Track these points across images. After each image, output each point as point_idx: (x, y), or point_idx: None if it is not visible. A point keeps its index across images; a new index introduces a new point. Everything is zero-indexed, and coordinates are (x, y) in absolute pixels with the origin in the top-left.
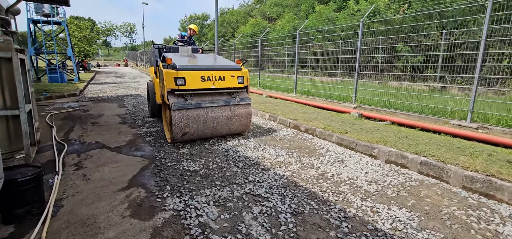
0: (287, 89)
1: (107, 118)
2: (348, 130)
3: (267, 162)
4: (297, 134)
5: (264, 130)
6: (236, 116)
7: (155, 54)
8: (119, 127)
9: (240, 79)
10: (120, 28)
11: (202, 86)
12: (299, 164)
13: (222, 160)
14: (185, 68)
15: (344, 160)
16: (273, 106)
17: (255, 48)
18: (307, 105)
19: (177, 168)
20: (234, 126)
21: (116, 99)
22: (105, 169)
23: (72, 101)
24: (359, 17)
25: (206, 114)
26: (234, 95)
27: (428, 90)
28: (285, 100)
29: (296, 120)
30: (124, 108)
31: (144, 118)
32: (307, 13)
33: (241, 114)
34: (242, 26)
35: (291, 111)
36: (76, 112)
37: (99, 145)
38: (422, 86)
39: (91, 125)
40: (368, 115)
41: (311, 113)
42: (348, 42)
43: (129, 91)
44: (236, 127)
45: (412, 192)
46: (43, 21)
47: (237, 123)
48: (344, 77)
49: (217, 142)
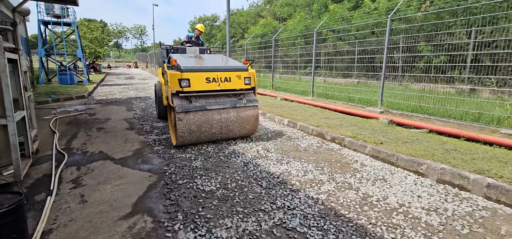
0: (303, 92)
1: (114, 123)
2: (382, 139)
3: (294, 179)
4: (323, 143)
5: (284, 138)
6: (242, 118)
7: (162, 55)
8: (126, 133)
9: (247, 80)
10: (131, 30)
11: (207, 88)
12: (334, 183)
13: (242, 176)
14: (189, 70)
15: (386, 178)
16: (291, 111)
17: (266, 48)
18: (327, 109)
19: (190, 187)
20: (240, 129)
21: (124, 102)
22: (107, 188)
23: (79, 104)
24: (376, 15)
25: (211, 117)
26: (241, 97)
27: (455, 93)
28: (302, 103)
29: (319, 126)
30: (132, 112)
31: (152, 123)
32: (319, 12)
33: (248, 116)
34: (252, 27)
35: (311, 116)
36: (83, 116)
37: (103, 155)
38: (447, 88)
39: (97, 130)
40: (400, 122)
41: (334, 119)
42: (364, 42)
43: (138, 93)
44: (242, 129)
45: (488, 227)
46: (53, 22)
47: (243, 126)
48: (360, 78)
49: (234, 154)
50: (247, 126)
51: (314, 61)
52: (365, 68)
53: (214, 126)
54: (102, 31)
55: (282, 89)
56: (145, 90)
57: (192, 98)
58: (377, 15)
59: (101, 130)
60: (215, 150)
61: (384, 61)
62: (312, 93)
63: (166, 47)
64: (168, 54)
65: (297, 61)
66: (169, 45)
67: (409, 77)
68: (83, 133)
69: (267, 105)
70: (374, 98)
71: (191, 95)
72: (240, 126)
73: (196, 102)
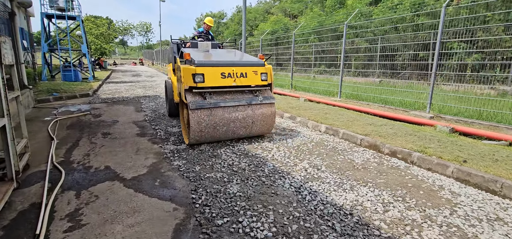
0: (328, 92)
1: (122, 126)
2: (461, 155)
3: (375, 218)
4: (382, 159)
5: (330, 150)
6: (258, 117)
7: (173, 50)
8: (137, 140)
9: (263, 76)
10: (136, 27)
11: (222, 83)
12: (435, 226)
13: (301, 212)
14: (204, 64)
15: (501, 217)
16: (323, 114)
17: (280, 45)
18: (363, 112)
19: (235, 231)
20: (256, 128)
21: (132, 101)
22: (116, 230)
23: (83, 103)
24: (402, 10)
25: (226, 114)
26: (257, 94)
27: (497, 94)
28: (330, 105)
29: (368, 135)
30: (142, 113)
31: (167, 127)
32: (333, 8)
33: (264, 114)
34: (262, 24)
35: (352, 122)
36: (86, 117)
37: (110, 173)
38: (486, 89)
39: (102, 136)
40: (464, 131)
41: (382, 125)
42: (405, 37)
43: (146, 91)
44: (258, 128)
45: None
46: (57, 15)
47: (259, 124)
48: (383, 77)
49: (276, 173)
50: (264, 124)
51: (343, 58)
52: (402, 66)
53: (229, 124)
54: (108, 27)
55: (303, 89)
56: (153, 89)
57: (206, 94)
58: (409, 7)
59: (107, 135)
60: (250, 166)
61: (436, 58)
62: (340, 94)
63: (177, 42)
64: (179, 49)
65: (317, 59)
66: (180, 40)
67: (457, 77)
68: (86, 140)
69: (292, 107)
70: (419, 100)
71: (205, 91)
72: (256, 124)
73: (211, 99)
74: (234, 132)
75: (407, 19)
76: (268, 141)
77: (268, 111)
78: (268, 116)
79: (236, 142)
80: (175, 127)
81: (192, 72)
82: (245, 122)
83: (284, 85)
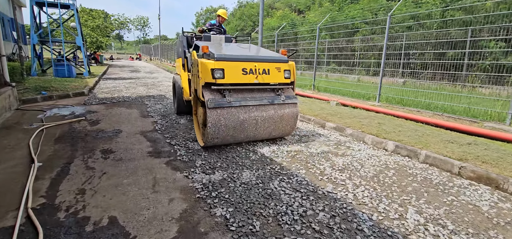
0: (361, 95)
1: (127, 140)
2: None
3: None
4: (498, 196)
5: (422, 184)
6: (280, 117)
7: (183, 44)
8: (151, 165)
9: (286, 73)
10: (133, 22)
11: (244, 80)
12: None
13: None
14: (224, 58)
15: None
16: (376, 125)
17: (285, 41)
18: (424, 123)
19: None
20: (277, 129)
21: (135, 103)
22: None
23: (78, 103)
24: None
25: (246, 114)
26: (279, 93)
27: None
28: (373, 112)
29: (466, 160)
30: (150, 119)
31: (187, 142)
32: (341, 3)
33: (287, 115)
34: (268, 19)
35: (422, 137)
36: (81, 124)
37: (119, 236)
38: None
39: (102, 156)
40: None
41: (469, 144)
42: (402, 34)
43: (149, 90)
44: (279, 130)
45: None
46: (48, 3)
47: (281, 126)
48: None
49: (380, 235)
50: (286, 126)
51: (384, 56)
52: (440, 66)
53: (249, 124)
54: (105, 19)
55: (330, 91)
56: (156, 87)
57: (225, 92)
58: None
59: (109, 154)
60: (336, 220)
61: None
62: (379, 98)
63: (188, 35)
64: (189, 43)
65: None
66: (192, 33)
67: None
68: (81, 163)
69: (331, 114)
70: (491, 109)
71: (224, 89)
72: (278, 125)
73: (230, 97)
74: (255, 134)
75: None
76: (331, 167)
77: (291, 112)
78: (291, 118)
79: (288, 169)
80: (196, 142)
81: (211, 67)
82: (266, 123)
83: (306, 85)
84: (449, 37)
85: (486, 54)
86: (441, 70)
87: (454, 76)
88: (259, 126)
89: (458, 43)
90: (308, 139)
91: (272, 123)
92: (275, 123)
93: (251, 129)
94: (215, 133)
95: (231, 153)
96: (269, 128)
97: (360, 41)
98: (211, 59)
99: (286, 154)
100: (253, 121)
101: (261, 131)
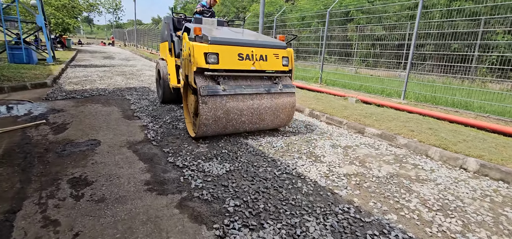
0: (380, 91)
1: (109, 159)
2: None
3: None
4: None
5: None
6: (277, 107)
7: (169, 27)
8: (156, 213)
9: (284, 60)
10: (104, 4)
11: (239, 66)
12: None
13: None
14: (218, 42)
15: None
16: (427, 130)
17: (278, 28)
18: (474, 127)
19: None
20: (274, 120)
21: (113, 97)
22: None
23: (37, 99)
24: None
25: (242, 103)
26: (276, 81)
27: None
28: (406, 111)
29: None
30: (137, 121)
31: (199, 161)
32: None
33: (284, 105)
34: (255, 4)
35: (496, 149)
36: (40, 131)
37: None
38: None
39: (72, 196)
40: None
41: None
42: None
43: (128, 80)
44: (276, 120)
45: None
46: None
47: (278, 116)
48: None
49: None
50: (282, 115)
51: (413, 45)
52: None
53: (244, 114)
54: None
55: (339, 84)
56: (136, 77)
57: (219, 78)
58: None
59: (82, 189)
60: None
61: None
62: (405, 95)
63: (175, 17)
64: (175, 26)
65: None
66: (181, 15)
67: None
68: (35, 211)
69: (361, 115)
70: None
71: (218, 75)
72: (274, 116)
73: (225, 84)
74: (249, 124)
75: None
76: (421, 203)
77: (288, 102)
78: (288, 108)
79: (369, 213)
80: (213, 159)
81: (205, 50)
82: (262, 112)
83: (308, 78)
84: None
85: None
86: (485, 64)
87: (505, 73)
88: (255, 115)
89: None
90: (355, 152)
91: (268, 112)
92: (272, 112)
93: (247, 118)
94: (207, 123)
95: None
96: (266, 117)
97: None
98: (204, 43)
99: (346, 180)
100: (249, 110)
101: (256, 121)
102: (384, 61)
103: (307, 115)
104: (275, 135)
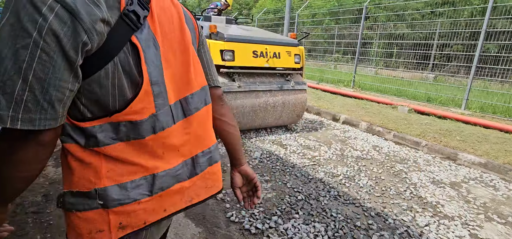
0: (430, 98)
1: None
2: None
3: None
4: None
5: None
6: (289, 104)
7: None
8: None
9: (296, 58)
10: None
11: (254, 63)
12: None
13: None
14: (234, 39)
15: None
16: None
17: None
18: None
19: None
20: (285, 116)
21: None
22: None
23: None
24: None
25: (256, 100)
26: (288, 78)
27: None
28: (478, 125)
29: None
30: None
31: None
32: None
33: (295, 102)
34: (261, 1)
35: None
36: None
37: None
38: None
39: None
40: None
41: None
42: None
43: None
44: (287, 117)
45: None
46: None
47: (289, 113)
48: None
49: None
50: (294, 113)
51: (481, 42)
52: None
53: (258, 111)
54: None
55: (369, 88)
56: None
57: (234, 75)
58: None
59: None
60: None
61: None
62: (466, 104)
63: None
64: None
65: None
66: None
67: None
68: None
69: (434, 131)
70: None
71: (233, 72)
72: (286, 113)
73: (240, 81)
74: (263, 120)
75: None
76: None
77: (300, 99)
78: (300, 105)
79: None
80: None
81: (221, 48)
82: (275, 109)
83: (337, 81)
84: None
85: None
86: None
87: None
88: (268, 112)
89: None
90: (475, 196)
91: (280, 109)
92: (284, 109)
93: (261, 115)
94: None
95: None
96: (278, 114)
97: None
98: (220, 40)
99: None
100: (262, 107)
101: (270, 118)
102: (442, 63)
103: (364, 131)
104: (344, 162)
